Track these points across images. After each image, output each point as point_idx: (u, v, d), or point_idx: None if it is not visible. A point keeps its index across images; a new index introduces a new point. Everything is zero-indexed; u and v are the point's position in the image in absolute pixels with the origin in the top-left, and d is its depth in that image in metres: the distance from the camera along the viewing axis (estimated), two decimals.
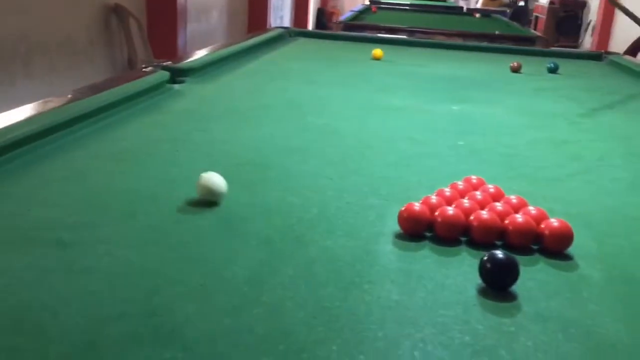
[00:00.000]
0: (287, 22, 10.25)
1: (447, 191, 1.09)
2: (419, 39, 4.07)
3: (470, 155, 1.50)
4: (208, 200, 1.07)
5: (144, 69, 1.99)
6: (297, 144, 1.48)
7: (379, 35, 4.07)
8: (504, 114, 1.98)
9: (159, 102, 1.78)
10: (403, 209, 1.01)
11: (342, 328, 0.73)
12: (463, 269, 0.90)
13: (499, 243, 0.98)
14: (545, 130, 1.80)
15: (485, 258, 0.85)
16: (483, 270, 0.84)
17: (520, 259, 0.93)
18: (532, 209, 1.03)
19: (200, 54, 2.41)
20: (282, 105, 1.89)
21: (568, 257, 0.96)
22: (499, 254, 0.85)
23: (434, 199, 1.05)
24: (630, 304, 0.84)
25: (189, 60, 2.23)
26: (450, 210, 1.00)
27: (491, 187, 1.13)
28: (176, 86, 2.01)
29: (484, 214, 0.99)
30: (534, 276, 0.89)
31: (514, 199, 1.08)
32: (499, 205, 1.03)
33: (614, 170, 1.45)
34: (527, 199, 1.12)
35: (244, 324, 0.72)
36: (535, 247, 0.98)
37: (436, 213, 1.00)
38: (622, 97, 2.38)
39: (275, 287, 0.81)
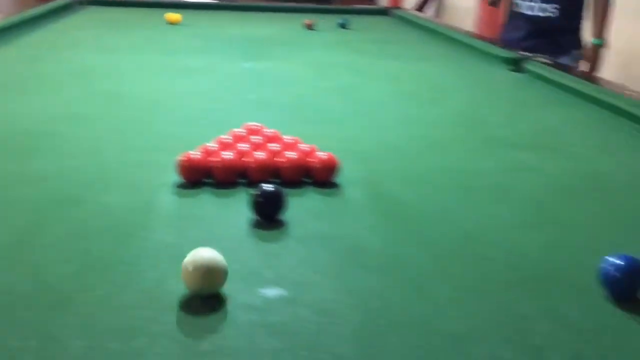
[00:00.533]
0: None
1: (225, 138, 1.13)
2: (218, 1, 4.05)
3: (260, 106, 1.56)
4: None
5: None
6: (80, 111, 1.42)
7: (172, 1, 3.97)
8: (295, 68, 2.07)
9: None
10: (181, 158, 1.03)
11: (113, 274, 0.74)
12: (238, 207, 0.95)
13: (276, 181, 1.05)
14: (330, 79, 1.91)
15: (254, 192, 0.90)
16: (253, 204, 0.90)
17: (293, 191, 1.01)
18: (304, 147, 1.10)
19: None
20: (67, 74, 1.80)
21: (336, 185, 1.05)
22: (266, 187, 0.91)
23: (211, 146, 1.08)
24: (386, 216, 0.95)
25: None
26: (226, 154, 1.04)
27: (269, 131, 1.19)
28: None
29: (259, 154, 1.05)
30: (303, 204, 0.97)
31: (289, 139, 1.15)
32: (274, 146, 1.09)
33: (387, 108, 1.59)
34: (308, 140, 1.20)
35: (4, 285, 0.71)
36: (309, 180, 1.06)
37: (213, 159, 1.03)
38: (401, 47, 2.60)
39: (43, 248, 0.79)
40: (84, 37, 2.46)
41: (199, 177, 1.03)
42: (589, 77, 1.80)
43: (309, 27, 2.89)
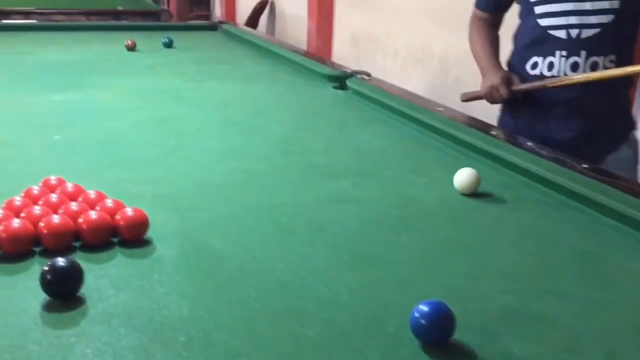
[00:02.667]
0: None
1: (18, 200, 1.01)
2: (28, 22, 3.73)
3: (65, 149, 1.42)
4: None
5: None
6: None
7: None
8: (111, 98, 1.94)
9: None
10: None
11: None
12: (31, 285, 0.84)
13: (76, 245, 0.95)
14: (150, 109, 1.81)
15: (44, 269, 0.80)
16: (43, 283, 0.80)
17: (98, 256, 0.92)
18: (109, 202, 1.01)
19: None
20: None
21: (146, 242, 0.97)
22: (56, 262, 0.81)
23: None
24: (196, 276, 0.89)
25: None
26: (16, 223, 0.92)
27: (70, 186, 1.08)
28: None
29: (54, 218, 0.94)
30: (107, 272, 0.88)
31: (92, 194, 1.05)
32: (74, 205, 0.99)
33: (209, 140, 1.54)
34: (117, 189, 1.11)
35: None
36: (115, 240, 0.97)
37: (0, 228, 0.91)
38: (227, 67, 2.55)
39: None
40: None
41: None
42: (404, 94, 1.88)
43: (131, 48, 2.74)
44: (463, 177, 1.20)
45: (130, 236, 0.97)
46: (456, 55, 2.98)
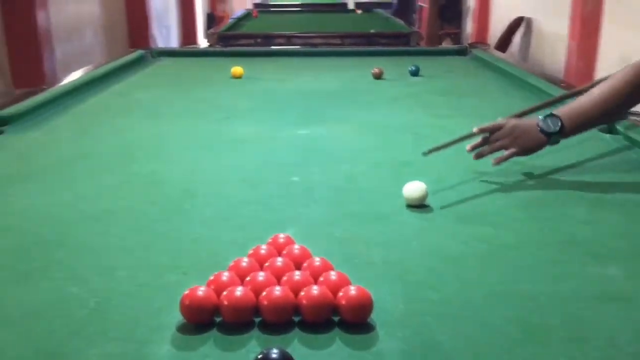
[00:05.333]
0: (174, 33, 9.91)
1: (245, 261, 0.97)
2: (286, 47, 3.97)
3: (302, 194, 1.40)
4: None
5: None
6: (106, 207, 1.32)
7: (248, 48, 3.94)
8: (352, 133, 1.90)
9: None
10: (185, 295, 0.88)
11: None
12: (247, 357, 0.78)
13: (295, 320, 0.88)
14: (389, 150, 1.73)
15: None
16: None
17: (317, 338, 0.84)
18: (333, 275, 0.93)
19: (31, 96, 2.18)
20: (109, 153, 1.72)
21: (369, 328, 0.86)
22: (273, 353, 0.74)
23: (225, 276, 0.93)
24: None
25: (9, 107, 2.00)
26: (238, 291, 0.88)
27: (297, 248, 1.02)
28: None
29: (276, 291, 0.88)
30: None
31: (317, 261, 0.97)
32: (297, 275, 0.92)
33: (450, 194, 1.38)
34: (348, 246, 1.07)
35: None
36: (335, 318, 0.88)
37: (224, 294, 0.88)
38: (476, 99, 2.37)
39: None
40: (140, 99, 2.41)
41: (206, 318, 0.87)
42: None
43: (377, 76, 2.72)
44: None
45: (351, 319, 0.87)
46: None
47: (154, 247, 1.13)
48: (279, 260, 0.97)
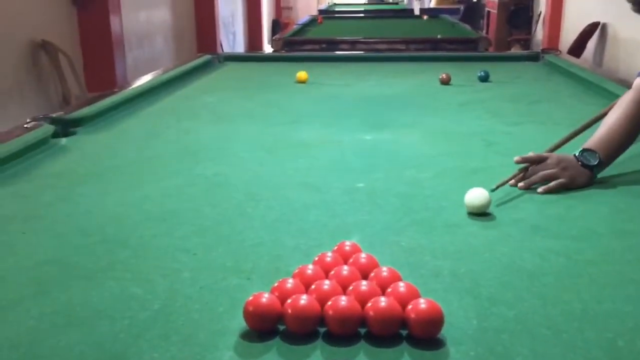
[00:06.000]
0: (240, 39, 10.09)
1: (310, 269, 0.94)
2: (354, 52, 3.95)
3: (367, 199, 1.36)
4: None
5: (25, 125, 1.81)
6: (170, 208, 1.32)
7: (312, 53, 3.93)
8: (418, 139, 1.85)
9: (31, 166, 1.61)
10: (248, 301, 0.86)
11: None
12: None
13: (362, 331, 0.84)
14: (457, 157, 1.66)
15: None
16: None
17: (384, 353, 0.80)
18: (402, 286, 0.88)
19: (103, 99, 2.23)
20: (175, 154, 1.73)
21: (439, 344, 0.82)
22: None
23: (289, 283, 0.90)
24: None
25: (81, 109, 2.06)
26: (303, 300, 0.85)
27: (364, 257, 0.98)
28: (63, 140, 1.84)
29: (342, 301, 0.84)
30: None
31: (385, 272, 0.93)
32: (364, 285, 0.89)
33: (524, 203, 1.31)
34: (415, 256, 1.03)
35: None
36: (403, 332, 0.84)
37: (288, 301, 0.85)
38: (549, 105, 2.27)
39: None
40: (207, 102, 2.43)
41: (269, 326, 0.85)
42: None
43: (445, 82, 2.65)
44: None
45: (421, 334, 0.82)
46: None
47: (216, 249, 1.12)
48: (345, 269, 0.94)
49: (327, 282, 0.90)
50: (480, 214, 1.23)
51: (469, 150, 1.73)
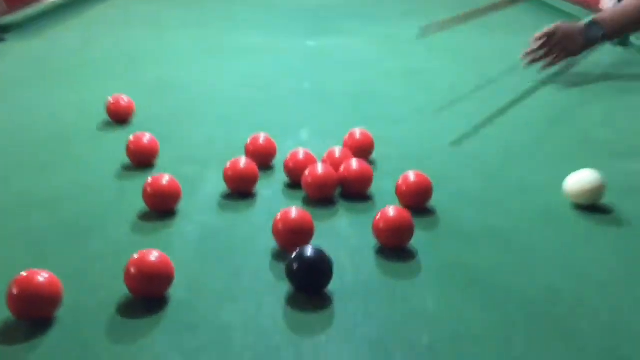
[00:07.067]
0: None
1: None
2: None
3: (314, 99, 1.38)
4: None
5: None
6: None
7: None
8: (363, 45, 1.87)
9: None
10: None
11: None
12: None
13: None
14: (401, 59, 1.71)
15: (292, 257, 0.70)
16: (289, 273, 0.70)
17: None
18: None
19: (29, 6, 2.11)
20: (114, 60, 1.68)
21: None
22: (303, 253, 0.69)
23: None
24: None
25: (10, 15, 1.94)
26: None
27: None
28: None
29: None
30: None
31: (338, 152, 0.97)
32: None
33: (462, 100, 1.37)
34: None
35: None
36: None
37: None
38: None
39: None
40: (138, 11, 2.34)
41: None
42: None
43: None
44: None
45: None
46: None
47: (168, 142, 1.12)
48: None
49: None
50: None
51: (411, 54, 1.76)
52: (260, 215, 0.86)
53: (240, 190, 0.92)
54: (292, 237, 0.76)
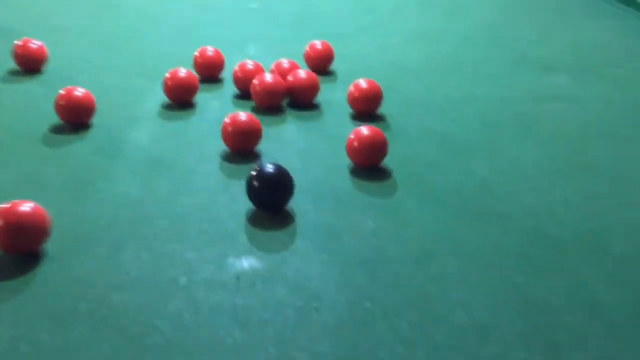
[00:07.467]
0: None
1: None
2: None
3: (261, 17, 1.39)
4: None
5: None
6: (64, 24, 1.28)
7: None
8: None
9: None
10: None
11: None
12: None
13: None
14: None
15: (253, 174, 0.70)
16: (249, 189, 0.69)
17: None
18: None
19: None
20: None
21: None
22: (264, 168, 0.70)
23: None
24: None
25: None
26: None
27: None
28: None
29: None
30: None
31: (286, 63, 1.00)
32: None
33: (404, 20, 1.41)
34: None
35: None
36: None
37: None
38: None
39: None
40: None
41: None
42: None
43: None
44: None
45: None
46: None
47: (115, 58, 1.12)
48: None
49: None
50: None
51: None
52: (209, 123, 0.88)
53: (180, 99, 0.93)
54: (240, 138, 0.79)
